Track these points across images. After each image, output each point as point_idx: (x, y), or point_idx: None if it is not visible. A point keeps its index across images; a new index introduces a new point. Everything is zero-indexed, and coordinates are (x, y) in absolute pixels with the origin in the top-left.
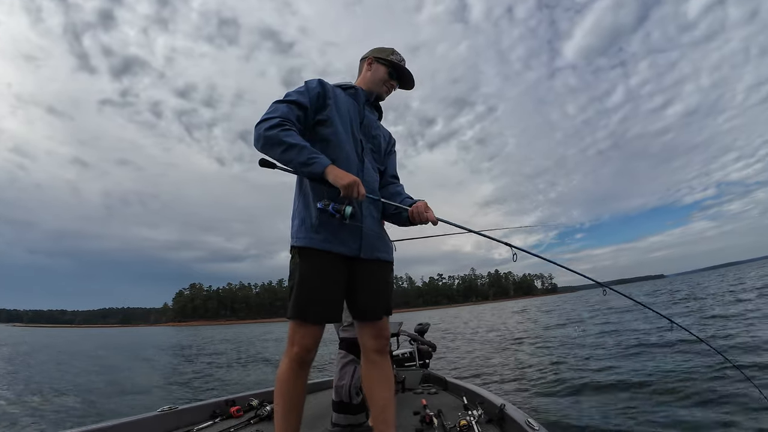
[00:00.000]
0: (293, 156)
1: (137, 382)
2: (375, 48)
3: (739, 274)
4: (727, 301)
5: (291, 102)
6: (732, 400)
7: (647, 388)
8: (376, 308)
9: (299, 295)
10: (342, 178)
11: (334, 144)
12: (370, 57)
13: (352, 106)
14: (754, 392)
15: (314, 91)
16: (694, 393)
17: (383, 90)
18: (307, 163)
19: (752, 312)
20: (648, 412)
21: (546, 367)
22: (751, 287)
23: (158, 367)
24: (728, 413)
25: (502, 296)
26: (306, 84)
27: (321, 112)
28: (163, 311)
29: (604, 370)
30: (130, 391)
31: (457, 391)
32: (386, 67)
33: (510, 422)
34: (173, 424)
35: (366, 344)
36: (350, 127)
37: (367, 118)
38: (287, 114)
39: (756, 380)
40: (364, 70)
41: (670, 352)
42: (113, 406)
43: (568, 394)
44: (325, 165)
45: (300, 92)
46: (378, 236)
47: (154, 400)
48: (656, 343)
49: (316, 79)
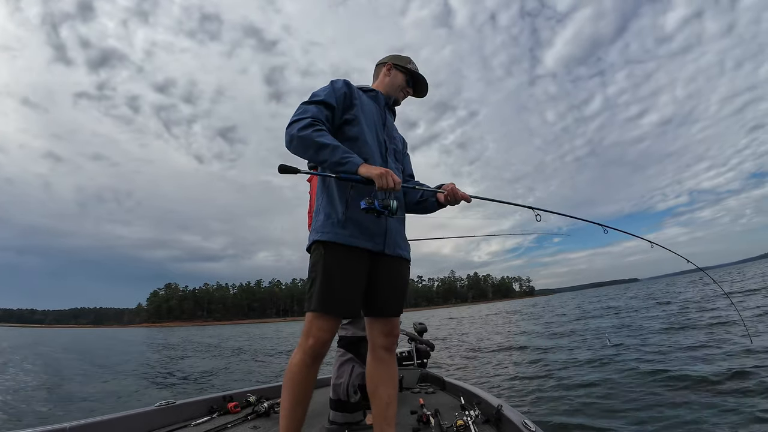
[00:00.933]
0: (327, 156)
1: (73, 389)
2: (393, 55)
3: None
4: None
5: (319, 102)
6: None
7: (644, 389)
8: (393, 306)
9: (322, 287)
10: (375, 170)
11: (361, 142)
12: (390, 63)
13: (375, 108)
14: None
15: (341, 90)
16: (690, 392)
17: (401, 96)
18: (341, 162)
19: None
20: (646, 413)
21: (543, 368)
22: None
23: (112, 372)
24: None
25: (481, 299)
26: (332, 84)
27: (348, 112)
28: (136, 312)
29: (599, 370)
30: (57, 399)
31: (454, 391)
32: (404, 74)
33: (507, 423)
34: (171, 419)
35: (376, 340)
36: (374, 128)
37: (388, 120)
38: (317, 114)
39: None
40: (382, 75)
41: (665, 352)
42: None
43: (564, 395)
44: (358, 163)
45: (327, 92)
46: (400, 234)
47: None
48: (647, 343)
49: (341, 80)
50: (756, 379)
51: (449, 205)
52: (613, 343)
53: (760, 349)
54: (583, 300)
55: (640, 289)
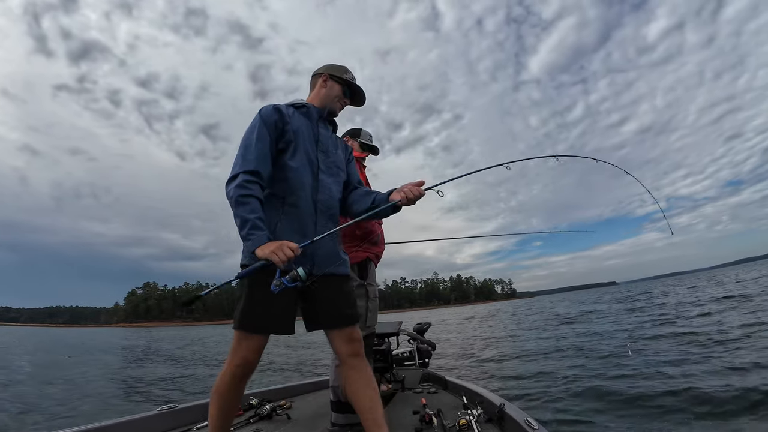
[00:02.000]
0: (238, 227)
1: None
2: (328, 65)
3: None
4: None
5: (256, 149)
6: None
7: (644, 389)
8: (338, 318)
9: (245, 308)
10: (268, 249)
11: (288, 168)
12: (325, 74)
13: (306, 124)
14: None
15: (271, 119)
16: (690, 394)
17: (337, 106)
18: (245, 238)
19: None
20: (647, 413)
21: (545, 367)
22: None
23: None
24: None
25: (464, 300)
26: (260, 117)
27: (281, 139)
28: (113, 311)
29: (602, 370)
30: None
31: (456, 391)
32: (341, 85)
33: (509, 421)
34: (172, 423)
35: (340, 350)
36: (306, 146)
37: (322, 135)
38: (258, 168)
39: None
40: (318, 87)
41: (662, 354)
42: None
43: (567, 394)
44: (258, 244)
45: (260, 135)
46: (331, 253)
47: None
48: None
49: (270, 107)
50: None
51: (411, 204)
52: (633, 352)
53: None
54: (574, 301)
55: (619, 292)
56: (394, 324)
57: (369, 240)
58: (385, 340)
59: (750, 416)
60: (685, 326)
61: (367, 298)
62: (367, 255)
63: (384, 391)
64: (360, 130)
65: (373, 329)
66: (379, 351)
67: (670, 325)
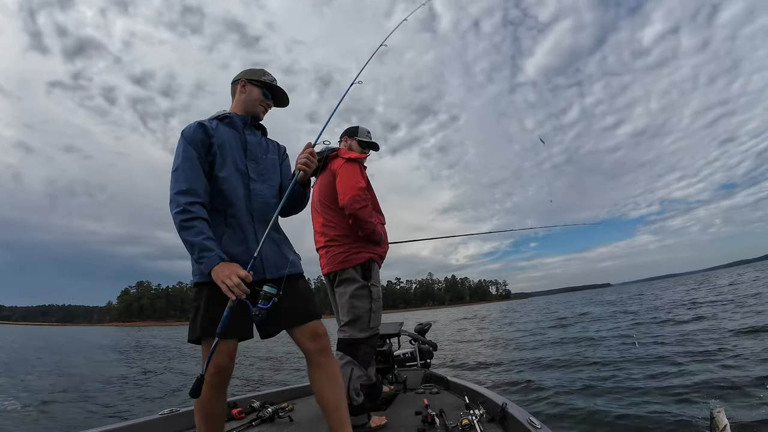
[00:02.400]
0: (188, 251)
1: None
2: (246, 70)
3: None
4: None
5: (184, 168)
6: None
7: (648, 389)
8: (297, 316)
9: (204, 316)
10: (217, 274)
11: (221, 180)
12: (243, 79)
13: (232, 135)
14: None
15: (195, 137)
16: (692, 390)
17: (260, 110)
18: (198, 261)
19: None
20: (649, 411)
21: (547, 366)
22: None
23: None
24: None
25: (458, 301)
26: (183, 137)
27: (208, 155)
28: (106, 310)
29: (603, 368)
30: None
31: (458, 391)
32: (259, 88)
33: (512, 421)
34: (175, 427)
35: (305, 347)
36: (234, 157)
37: (250, 142)
38: (191, 187)
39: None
40: (237, 93)
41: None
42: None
43: (569, 393)
44: (211, 266)
45: (186, 155)
46: (279, 253)
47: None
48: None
49: (193, 124)
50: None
51: (309, 169)
52: (640, 344)
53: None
54: (571, 302)
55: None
56: (396, 325)
57: (371, 240)
58: (387, 341)
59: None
60: (678, 327)
61: (371, 299)
62: (370, 255)
63: (386, 392)
64: (357, 128)
65: (376, 330)
66: (380, 352)
67: (664, 324)
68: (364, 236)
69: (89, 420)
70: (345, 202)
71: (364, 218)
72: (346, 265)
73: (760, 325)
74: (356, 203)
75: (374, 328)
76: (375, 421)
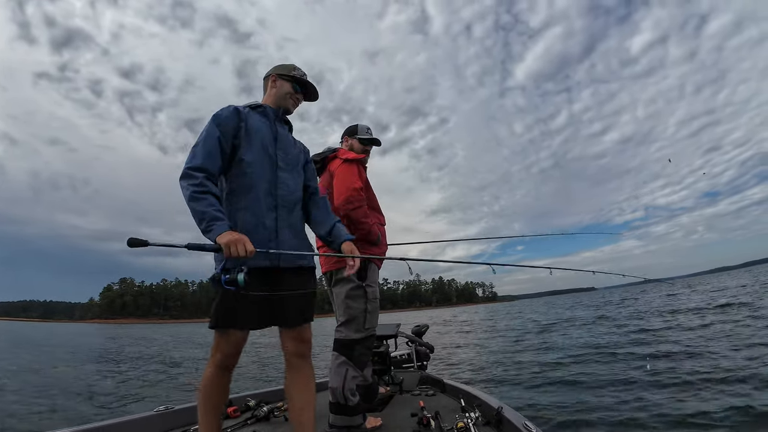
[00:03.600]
0: (197, 221)
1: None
2: (276, 66)
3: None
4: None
5: (204, 147)
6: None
7: (643, 392)
8: (296, 315)
9: (219, 306)
10: (224, 239)
11: (245, 163)
12: (274, 74)
13: (264, 123)
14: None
15: (225, 119)
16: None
17: (290, 103)
18: (206, 230)
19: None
20: (646, 415)
21: (544, 370)
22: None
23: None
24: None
25: (445, 303)
26: (213, 117)
27: (236, 137)
28: (88, 307)
29: (599, 374)
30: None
31: (454, 393)
32: (290, 82)
33: (507, 424)
34: (169, 424)
35: (287, 348)
36: (264, 142)
37: (280, 134)
38: (205, 164)
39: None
40: (269, 88)
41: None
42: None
43: (565, 397)
44: (220, 232)
45: (209, 134)
46: (296, 247)
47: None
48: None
49: (229, 107)
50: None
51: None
52: (652, 369)
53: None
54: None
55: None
56: (393, 326)
57: (368, 240)
58: (384, 342)
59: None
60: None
61: (366, 299)
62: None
63: (382, 393)
64: (357, 126)
65: (372, 331)
66: (377, 353)
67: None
68: (360, 237)
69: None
70: (338, 204)
71: (358, 219)
72: (342, 264)
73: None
74: (349, 204)
75: (370, 329)
76: (370, 422)
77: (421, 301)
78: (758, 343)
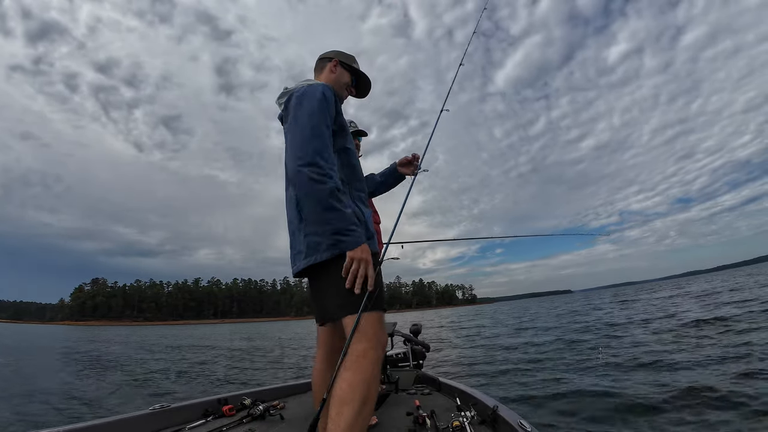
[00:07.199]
0: (332, 219)
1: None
2: (339, 51)
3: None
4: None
5: (327, 136)
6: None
7: (636, 392)
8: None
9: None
10: (356, 253)
11: (351, 153)
12: (336, 59)
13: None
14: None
15: (332, 100)
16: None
17: (345, 94)
18: (345, 232)
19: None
20: (639, 413)
21: (539, 369)
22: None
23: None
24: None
25: (425, 305)
26: (323, 95)
27: (335, 122)
28: (59, 308)
29: (593, 373)
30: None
31: (450, 392)
32: (351, 74)
33: (503, 423)
34: (165, 423)
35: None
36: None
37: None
38: (330, 153)
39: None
40: (327, 71)
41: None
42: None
43: (560, 396)
44: (360, 243)
45: (326, 119)
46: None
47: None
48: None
49: (328, 89)
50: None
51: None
52: (605, 358)
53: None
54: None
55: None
56: (389, 325)
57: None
58: None
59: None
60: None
61: None
62: None
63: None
64: None
65: None
66: None
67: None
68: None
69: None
70: None
71: None
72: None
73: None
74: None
75: None
76: (374, 419)
77: (402, 303)
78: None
